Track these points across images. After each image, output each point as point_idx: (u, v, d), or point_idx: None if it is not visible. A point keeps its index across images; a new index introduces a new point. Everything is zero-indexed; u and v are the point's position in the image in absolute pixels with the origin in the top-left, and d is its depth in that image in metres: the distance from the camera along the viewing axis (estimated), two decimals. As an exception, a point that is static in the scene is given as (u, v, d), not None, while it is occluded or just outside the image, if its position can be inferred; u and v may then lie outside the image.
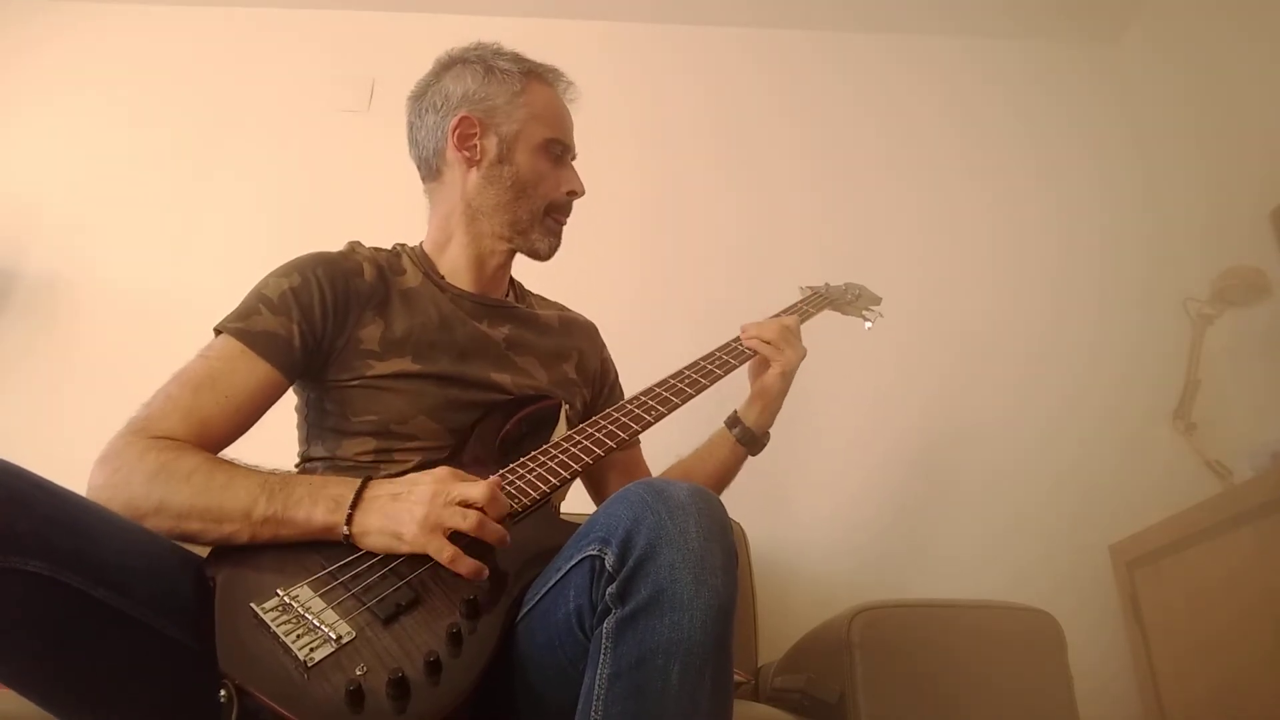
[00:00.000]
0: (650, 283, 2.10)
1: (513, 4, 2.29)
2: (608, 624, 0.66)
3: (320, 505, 0.80)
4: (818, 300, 1.35)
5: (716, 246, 2.16)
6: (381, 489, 0.82)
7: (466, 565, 0.76)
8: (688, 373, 1.10)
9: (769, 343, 1.15)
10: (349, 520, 0.79)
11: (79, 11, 2.36)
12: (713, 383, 1.09)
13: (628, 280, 2.07)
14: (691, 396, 1.06)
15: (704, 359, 1.13)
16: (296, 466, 1.05)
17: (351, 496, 0.80)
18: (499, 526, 0.79)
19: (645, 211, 2.16)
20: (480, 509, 0.78)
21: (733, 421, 1.19)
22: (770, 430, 1.19)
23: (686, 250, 2.15)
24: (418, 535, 0.77)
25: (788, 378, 1.16)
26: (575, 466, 0.92)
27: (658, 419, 1.02)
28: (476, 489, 0.79)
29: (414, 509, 0.78)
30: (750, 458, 1.20)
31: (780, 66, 2.36)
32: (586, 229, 1.18)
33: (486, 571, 0.77)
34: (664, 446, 1.22)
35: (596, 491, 1.24)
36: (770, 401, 1.17)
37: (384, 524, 0.79)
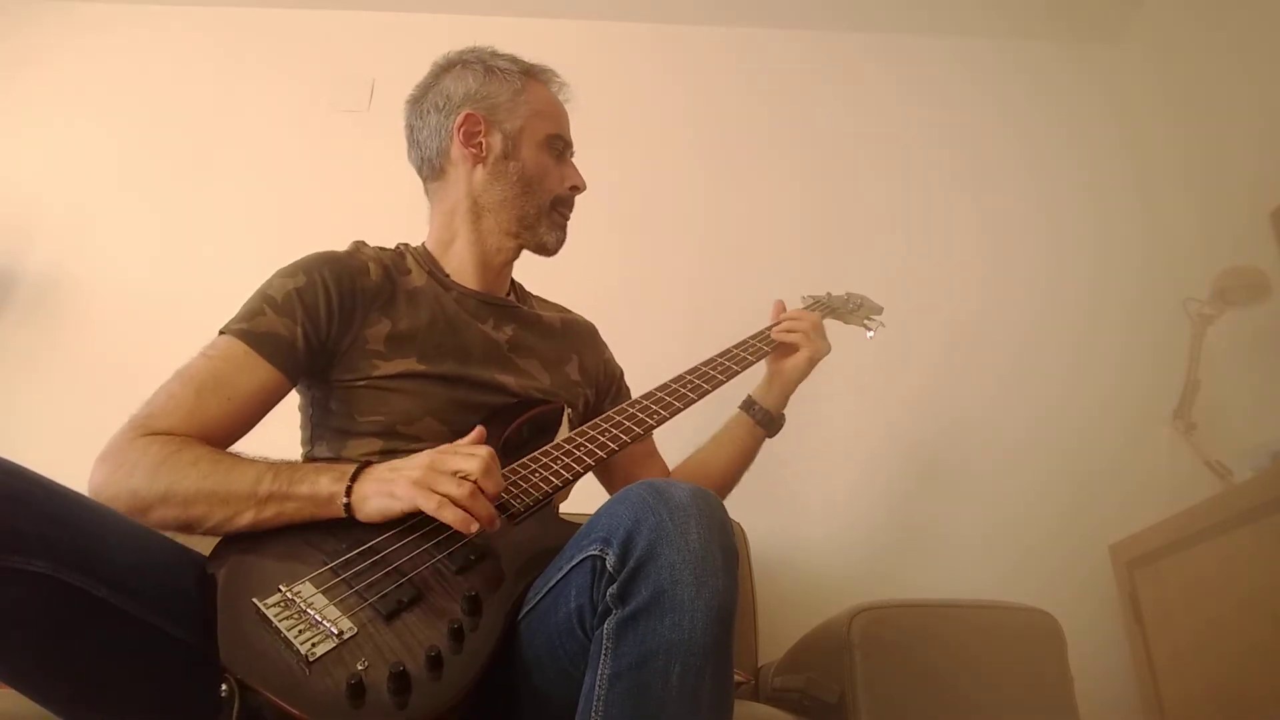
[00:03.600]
0: (635, 283, 2.09)
1: (510, 4, 2.29)
2: (608, 624, 0.66)
3: (325, 476, 0.82)
4: (819, 309, 1.36)
5: (702, 246, 2.15)
6: (383, 464, 0.84)
7: (451, 513, 0.77)
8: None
9: (804, 331, 1.22)
10: (348, 492, 0.81)
11: (80, 12, 2.36)
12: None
13: (615, 281, 2.06)
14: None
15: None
16: (300, 467, 1.05)
17: (354, 470, 0.82)
18: (489, 505, 0.79)
19: (631, 212, 2.15)
20: (474, 482, 0.79)
21: (749, 405, 1.24)
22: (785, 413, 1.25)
23: (673, 251, 2.15)
24: (408, 490, 0.78)
25: (813, 365, 1.22)
26: (578, 469, 0.92)
27: (673, 414, 1.04)
28: (472, 462, 0.80)
29: (410, 472, 0.80)
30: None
31: (767, 66, 2.36)
32: (574, 228, 1.19)
33: (474, 525, 0.77)
34: (683, 438, 1.25)
35: (610, 485, 1.25)
36: (788, 384, 1.23)
37: (379, 487, 0.80)
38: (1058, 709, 1.20)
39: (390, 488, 0.80)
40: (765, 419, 1.22)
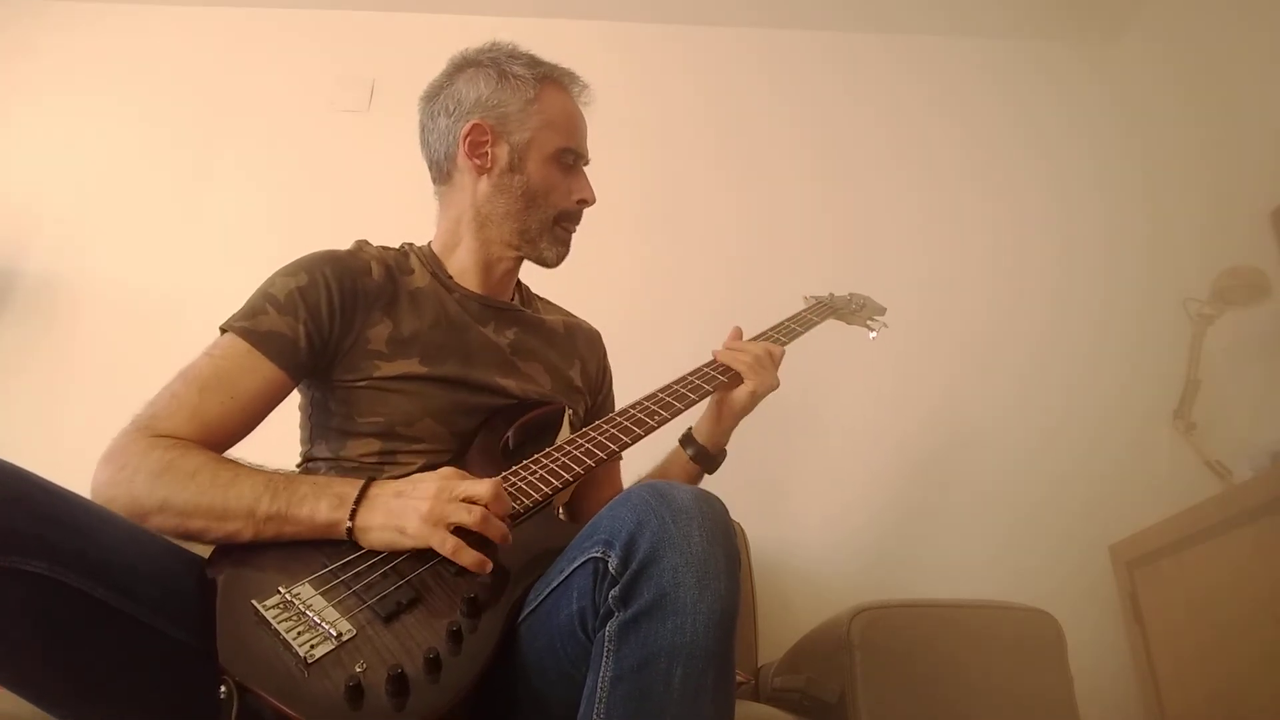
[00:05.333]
0: (649, 285, 2.10)
1: (513, 4, 2.29)
2: (610, 627, 0.66)
3: (324, 502, 0.80)
4: (822, 309, 1.35)
5: (716, 247, 2.15)
6: (385, 488, 0.82)
7: (469, 556, 0.77)
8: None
9: (747, 363, 1.11)
10: (352, 516, 0.79)
11: (78, 11, 2.36)
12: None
13: (627, 283, 2.06)
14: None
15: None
16: (299, 466, 1.05)
17: (355, 494, 0.81)
18: (501, 524, 0.80)
19: (644, 213, 2.16)
20: (484, 505, 0.79)
21: (687, 440, 1.15)
22: (726, 449, 1.16)
23: (686, 252, 2.15)
24: (420, 528, 0.77)
25: (756, 400, 1.11)
26: (578, 469, 0.92)
27: (675, 414, 1.02)
28: (481, 486, 0.80)
29: (418, 504, 0.78)
30: (733, 465, 1.18)
31: (780, 66, 2.36)
32: (586, 231, 1.18)
33: (490, 565, 0.77)
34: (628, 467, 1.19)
35: (572, 504, 1.20)
36: (728, 419, 1.12)
37: (387, 519, 0.79)
38: (1058, 709, 1.20)
39: (399, 522, 0.78)
40: (701, 456, 1.13)
